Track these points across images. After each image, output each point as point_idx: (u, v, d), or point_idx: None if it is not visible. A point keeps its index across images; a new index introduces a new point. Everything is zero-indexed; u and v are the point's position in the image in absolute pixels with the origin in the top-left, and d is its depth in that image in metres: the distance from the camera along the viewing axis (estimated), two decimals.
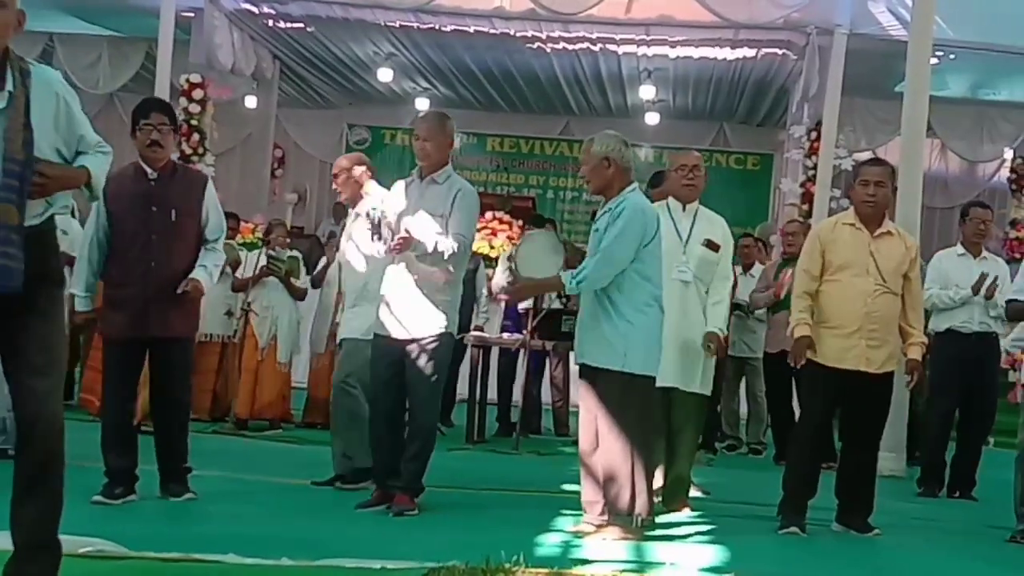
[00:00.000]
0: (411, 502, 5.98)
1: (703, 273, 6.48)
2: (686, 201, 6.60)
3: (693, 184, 6.62)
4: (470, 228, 6.16)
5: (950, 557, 5.84)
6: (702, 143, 17.51)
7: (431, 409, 6.22)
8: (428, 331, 6.01)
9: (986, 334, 8.18)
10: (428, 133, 6.10)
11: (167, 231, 5.84)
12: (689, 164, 6.66)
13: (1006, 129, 15.17)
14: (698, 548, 5.45)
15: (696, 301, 6.46)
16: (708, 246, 6.50)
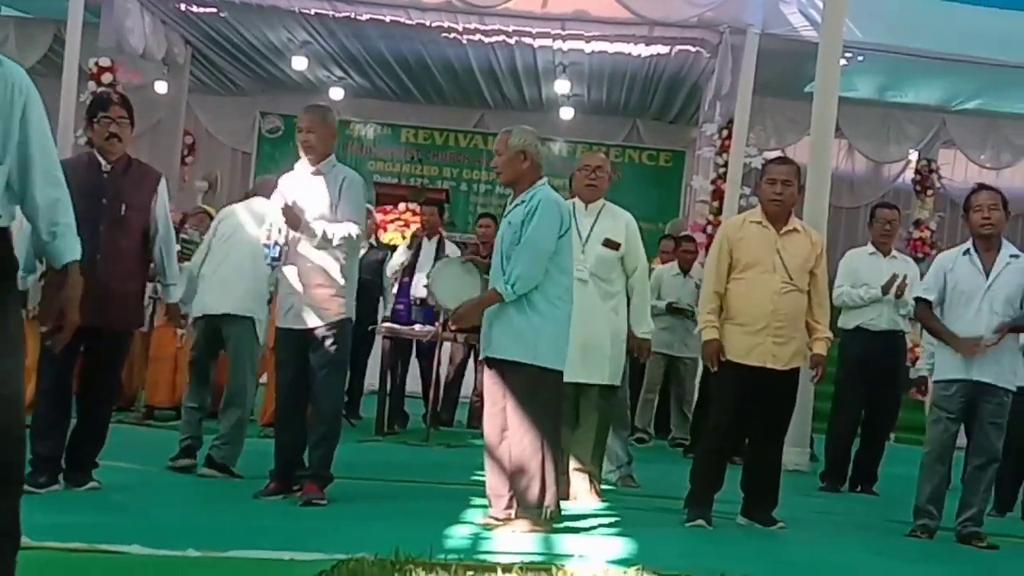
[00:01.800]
0: (320, 491, 5.97)
1: (602, 271, 6.64)
2: (588, 201, 6.79)
3: (595, 184, 6.80)
4: (360, 215, 6.24)
5: (851, 550, 5.96)
6: (615, 139, 17.62)
7: (335, 395, 6.27)
8: (327, 319, 6.05)
9: (894, 332, 8.35)
10: (312, 124, 6.13)
11: (115, 224, 5.85)
12: (592, 164, 6.85)
13: (911, 131, 15.47)
14: (606, 540, 5.49)
15: (596, 298, 6.61)
16: (607, 245, 6.61)
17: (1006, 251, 6.48)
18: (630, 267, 6.78)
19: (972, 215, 6.53)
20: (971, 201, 6.58)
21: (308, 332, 6.05)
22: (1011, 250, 6.51)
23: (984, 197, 6.52)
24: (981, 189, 6.67)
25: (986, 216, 6.45)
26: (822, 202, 9.21)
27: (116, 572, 4.16)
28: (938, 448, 6.48)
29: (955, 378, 6.40)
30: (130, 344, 6.33)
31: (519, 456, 5.53)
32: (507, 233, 5.74)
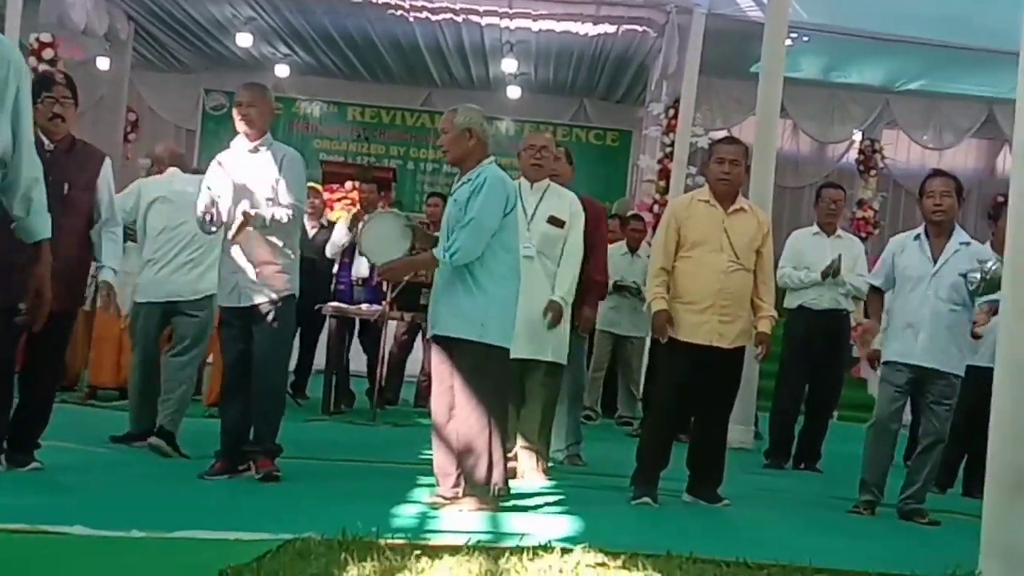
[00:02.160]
0: (274, 464, 6.02)
1: (547, 248, 6.67)
2: (533, 180, 6.81)
3: (540, 164, 6.84)
4: (301, 192, 6.27)
5: (795, 527, 6.02)
6: (562, 118, 17.63)
7: (280, 370, 6.31)
8: (271, 295, 6.06)
9: (836, 311, 8.44)
10: (252, 99, 6.14)
11: (58, 205, 5.69)
12: (537, 144, 6.90)
13: (855, 111, 15.60)
14: (552, 519, 5.51)
15: (541, 275, 6.64)
16: (552, 223, 6.64)
17: (957, 238, 6.53)
18: (567, 244, 6.79)
19: (925, 200, 6.58)
20: (925, 187, 6.63)
21: (253, 308, 6.05)
22: (962, 237, 6.56)
23: (937, 183, 6.58)
24: (935, 175, 6.72)
25: (938, 203, 6.51)
26: (767, 182, 9.27)
27: (59, 553, 4.12)
28: (883, 421, 6.56)
29: (900, 361, 6.50)
30: (74, 324, 6.25)
31: (466, 435, 5.54)
32: (453, 211, 5.73)
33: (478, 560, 4.26)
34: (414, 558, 4.16)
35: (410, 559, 4.15)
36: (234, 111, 6.18)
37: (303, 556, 4.11)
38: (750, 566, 4.52)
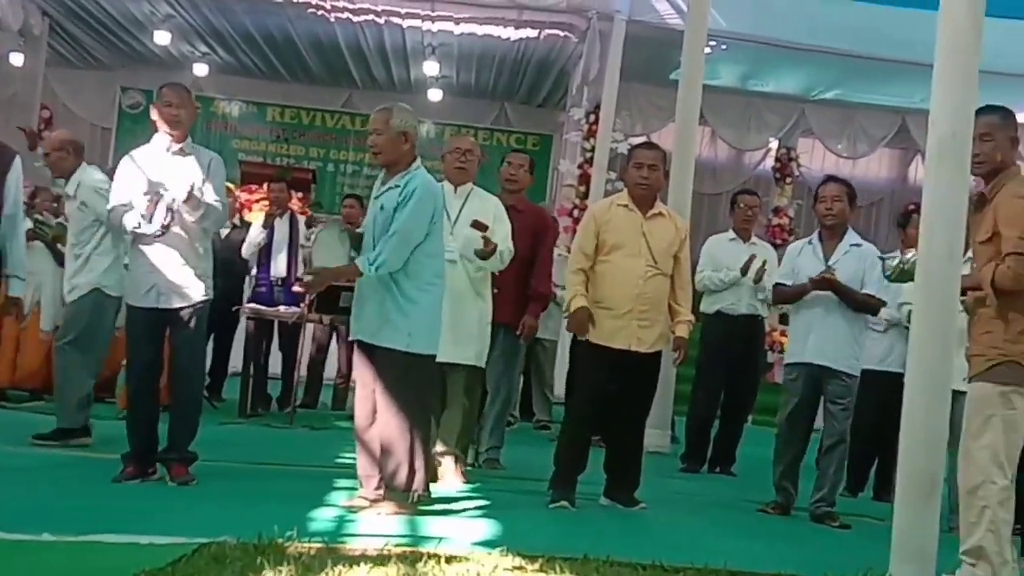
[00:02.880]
0: (189, 472, 5.97)
1: (470, 253, 6.66)
2: (457, 183, 6.82)
3: (464, 167, 6.87)
4: (224, 197, 6.25)
5: (710, 530, 6.09)
6: (484, 121, 17.63)
7: (199, 375, 6.35)
8: (192, 299, 6.01)
9: (753, 316, 8.56)
10: (181, 100, 6.08)
11: None
12: (463, 147, 6.93)
13: (772, 120, 15.80)
14: (471, 523, 5.51)
15: (464, 279, 6.66)
16: (475, 227, 6.63)
17: (848, 240, 6.80)
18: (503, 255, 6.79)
19: (818, 205, 6.88)
20: (818, 192, 6.93)
21: (171, 312, 5.97)
22: (854, 239, 6.83)
23: (830, 189, 6.86)
24: (828, 181, 7.03)
25: (829, 207, 6.79)
26: (686, 188, 9.36)
27: None
28: (787, 427, 6.77)
29: (797, 362, 6.69)
30: None
31: (388, 439, 5.52)
32: (379, 217, 5.67)
33: (395, 564, 4.25)
34: (330, 562, 4.14)
35: (326, 563, 4.12)
36: (159, 110, 6.05)
37: (218, 560, 4.07)
38: (666, 569, 4.56)
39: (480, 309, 6.77)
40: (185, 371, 6.08)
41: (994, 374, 4.88)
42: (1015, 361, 4.89)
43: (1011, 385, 4.89)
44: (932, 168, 4.95)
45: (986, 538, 4.83)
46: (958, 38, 4.88)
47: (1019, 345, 4.90)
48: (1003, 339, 4.89)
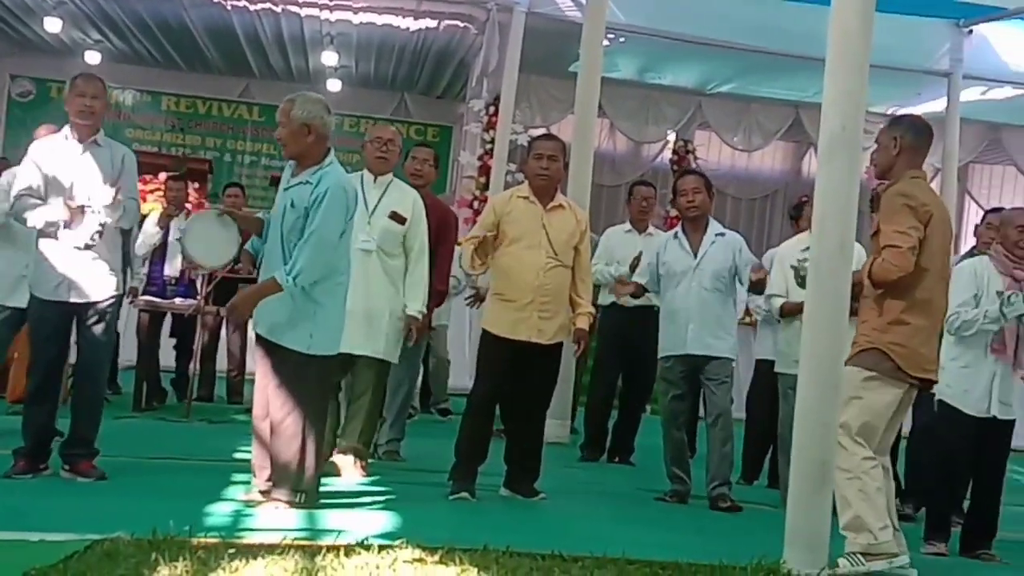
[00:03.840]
0: (96, 467, 5.91)
1: (387, 244, 6.62)
2: (378, 173, 6.77)
3: (385, 157, 6.83)
4: (138, 192, 6.18)
5: (609, 519, 6.15)
6: (383, 112, 17.51)
7: (104, 371, 6.24)
8: (105, 293, 5.93)
9: (647, 308, 8.61)
10: (97, 91, 5.97)
11: None
12: (384, 137, 6.89)
13: (670, 112, 15.93)
14: (371, 515, 5.50)
15: (379, 270, 6.60)
16: (393, 218, 6.61)
17: (712, 230, 6.97)
18: (409, 244, 6.76)
19: (679, 199, 7.02)
20: (678, 186, 7.08)
21: (81, 307, 5.87)
22: (717, 229, 7.01)
23: (689, 182, 7.05)
24: (686, 174, 7.26)
25: (690, 200, 6.94)
26: (585, 180, 9.41)
27: None
28: (669, 416, 6.94)
29: (672, 354, 6.85)
30: None
31: (282, 433, 5.47)
32: (288, 215, 5.54)
33: (294, 558, 4.23)
34: (228, 557, 4.11)
35: (224, 558, 4.09)
36: (72, 101, 5.90)
37: (111, 557, 4.01)
38: (565, 559, 4.60)
39: (393, 303, 6.70)
40: (93, 366, 5.99)
41: (862, 359, 5.12)
42: (881, 349, 5.08)
43: (875, 372, 5.07)
44: (824, 161, 5.07)
45: (860, 507, 5.02)
46: (848, 34, 4.98)
47: (887, 335, 5.10)
48: (873, 328, 5.12)
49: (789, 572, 4.73)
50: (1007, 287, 6.03)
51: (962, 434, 6.05)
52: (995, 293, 6.02)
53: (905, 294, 5.13)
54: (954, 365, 5.97)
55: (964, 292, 6.00)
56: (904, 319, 5.13)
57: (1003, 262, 6.10)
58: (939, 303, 5.34)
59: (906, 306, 5.13)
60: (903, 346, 5.12)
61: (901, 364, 5.12)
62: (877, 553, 4.98)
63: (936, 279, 5.23)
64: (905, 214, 5.10)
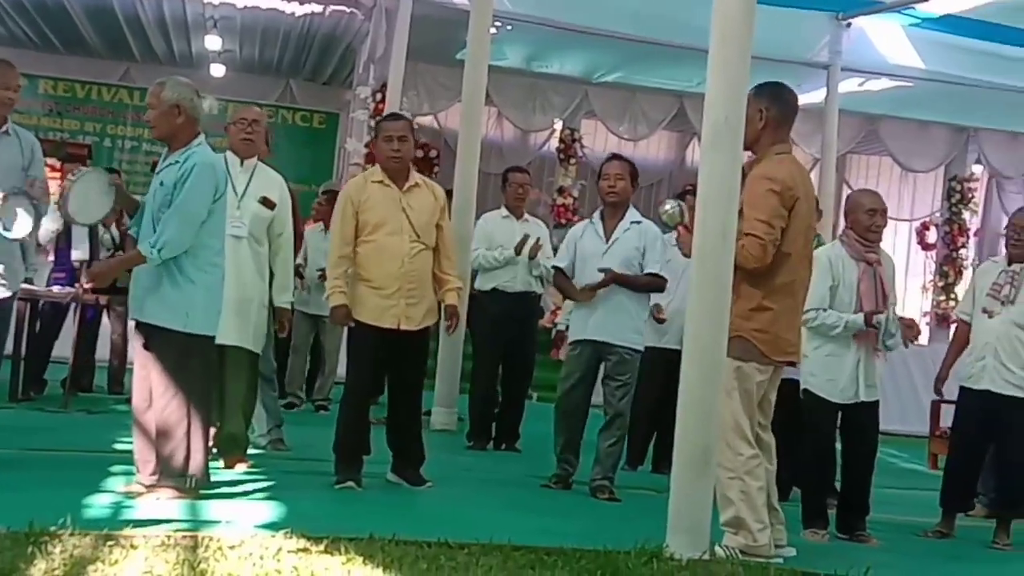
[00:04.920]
0: None
1: (257, 230, 6.52)
2: (244, 156, 6.65)
3: (251, 139, 6.69)
4: (46, 180, 6.07)
5: (495, 506, 6.17)
6: (268, 98, 17.29)
7: None
8: (11, 289, 5.89)
9: (528, 293, 8.68)
10: (7, 79, 5.84)
11: None
12: (248, 118, 6.74)
13: (556, 101, 15.98)
14: (254, 505, 5.45)
15: (249, 257, 6.50)
16: (263, 203, 6.53)
17: (629, 218, 6.92)
18: (276, 231, 6.67)
19: (601, 182, 6.98)
20: (602, 169, 7.03)
21: None
22: (634, 216, 6.96)
23: (614, 167, 6.97)
24: (612, 159, 7.12)
25: (612, 185, 6.89)
26: (472, 168, 9.42)
27: None
28: (566, 402, 6.88)
29: (580, 339, 6.81)
30: None
31: (165, 421, 5.39)
32: (158, 193, 5.50)
33: (176, 550, 4.18)
34: (107, 549, 4.04)
35: (103, 550, 4.02)
36: None
37: None
38: (451, 546, 4.61)
39: (262, 291, 6.63)
40: None
41: (730, 349, 5.14)
42: (744, 337, 5.16)
43: (742, 359, 5.16)
44: (707, 151, 5.14)
45: (741, 508, 5.10)
46: (731, 25, 5.06)
47: (752, 323, 5.18)
48: (737, 315, 5.16)
49: (671, 556, 4.80)
50: (861, 272, 6.16)
51: (829, 420, 6.19)
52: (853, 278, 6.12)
53: (767, 280, 5.19)
54: (818, 354, 6.10)
55: (821, 284, 6.03)
56: (766, 305, 5.20)
57: (855, 247, 6.23)
58: (803, 281, 5.39)
59: (768, 292, 5.20)
60: (766, 332, 5.20)
61: (765, 350, 5.21)
62: (753, 554, 5.07)
63: (799, 260, 5.29)
64: (770, 200, 5.15)
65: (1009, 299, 6.54)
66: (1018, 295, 6.53)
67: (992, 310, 6.58)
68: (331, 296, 6.28)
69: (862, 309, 6.12)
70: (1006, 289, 6.57)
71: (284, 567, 4.08)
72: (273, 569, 4.05)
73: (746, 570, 4.68)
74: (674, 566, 4.65)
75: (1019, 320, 6.51)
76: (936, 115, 15.85)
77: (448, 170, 11.50)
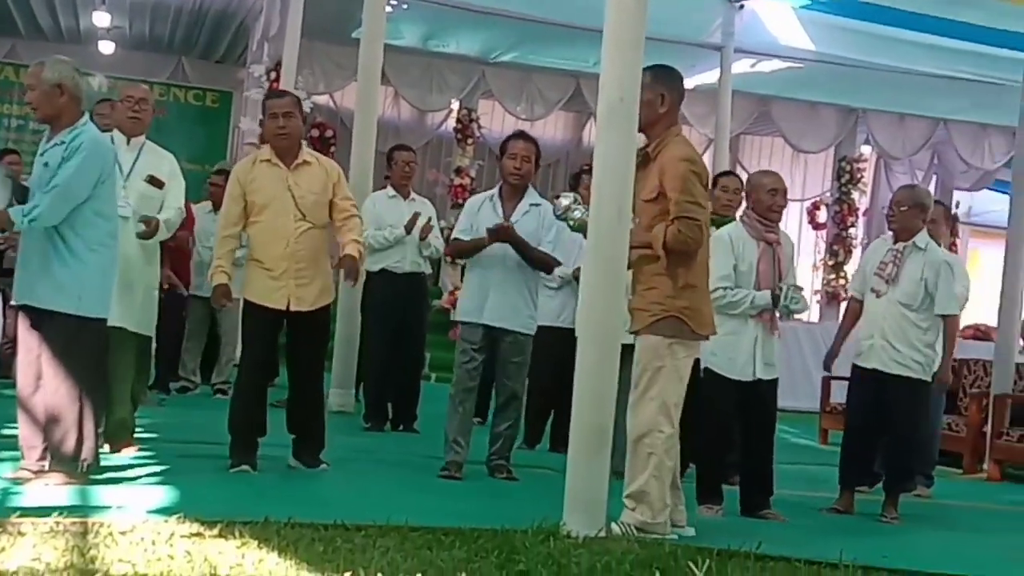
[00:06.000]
0: None
1: (144, 209, 6.40)
2: (131, 134, 6.52)
3: (138, 117, 6.56)
4: None
5: (392, 487, 6.16)
6: (160, 76, 16.99)
7: None
8: None
9: (417, 274, 8.64)
10: None
11: None
12: (136, 96, 6.61)
13: (453, 81, 15.94)
14: (146, 490, 5.38)
15: (134, 237, 6.34)
16: (151, 182, 6.42)
17: (528, 199, 6.81)
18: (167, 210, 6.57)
19: (506, 161, 6.80)
20: (507, 147, 6.83)
21: None
22: (534, 198, 6.85)
23: (521, 146, 6.79)
24: (519, 138, 6.94)
25: (517, 166, 6.75)
26: (368, 147, 9.37)
27: None
28: (464, 382, 6.74)
29: (474, 322, 6.69)
30: None
31: (55, 406, 5.29)
32: (43, 176, 5.39)
33: (65, 536, 4.10)
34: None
35: None
36: None
37: None
38: (348, 528, 4.59)
39: (148, 273, 6.52)
40: None
41: (660, 327, 5.22)
42: (677, 316, 5.23)
43: (675, 338, 5.22)
44: (602, 131, 5.17)
45: (650, 483, 5.15)
46: (625, 6, 5.08)
47: (681, 300, 5.25)
48: (667, 295, 5.23)
49: (568, 535, 4.83)
50: (760, 252, 6.26)
51: (728, 399, 6.27)
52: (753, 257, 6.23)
53: (691, 259, 5.30)
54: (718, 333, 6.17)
55: (724, 265, 6.13)
56: (692, 283, 5.30)
57: (755, 227, 6.33)
58: (707, 259, 5.52)
59: (692, 270, 5.31)
60: (694, 309, 5.30)
61: (694, 327, 5.30)
62: (650, 531, 5.13)
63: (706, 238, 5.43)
64: (694, 183, 5.27)
65: (893, 278, 6.68)
66: (901, 274, 6.67)
67: (879, 289, 6.72)
68: (213, 275, 6.23)
69: (760, 288, 6.22)
70: (889, 268, 6.70)
71: (177, 552, 4.02)
72: (166, 554, 3.99)
73: (642, 546, 4.72)
74: (570, 544, 4.68)
75: (903, 299, 6.64)
76: (826, 96, 16.15)
77: (345, 150, 11.39)
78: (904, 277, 6.66)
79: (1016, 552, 5.71)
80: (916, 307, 6.63)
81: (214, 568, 3.80)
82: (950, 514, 7.35)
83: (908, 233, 6.76)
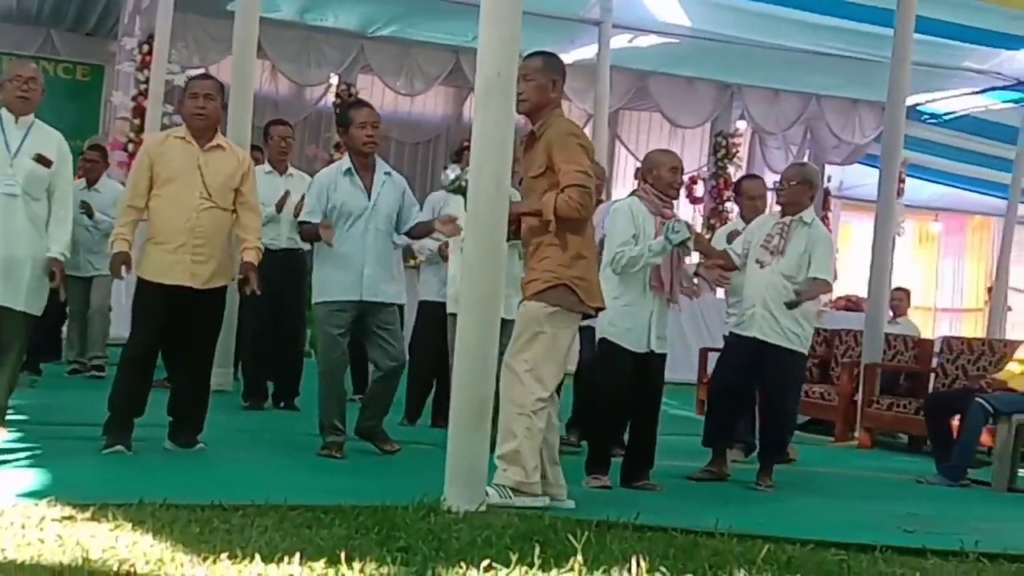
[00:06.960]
0: None
1: (32, 188, 6.25)
2: (19, 114, 6.35)
3: (27, 97, 6.39)
4: None
5: (271, 466, 6.10)
6: (28, 49, 16.48)
7: None
8: None
9: (294, 251, 8.53)
10: None
11: None
12: (25, 76, 6.49)
13: (332, 55, 15.77)
14: (16, 473, 5.24)
15: (23, 216, 6.22)
16: (39, 161, 6.26)
17: (380, 169, 6.77)
18: (53, 186, 6.38)
19: (355, 131, 6.64)
20: (354, 116, 6.68)
21: None
22: (384, 168, 6.82)
23: (371, 115, 6.68)
24: (364, 105, 6.87)
25: (370, 134, 6.63)
26: (245, 122, 9.20)
27: None
28: (332, 365, 6.65)
29: (343, 299, 6.57)
30: None
31: None
32: None
33: None
34: None
35: None
36: None
37: None
38: (225, 508, 4.52)
39: (37, 250, 6.30)
40: None
41: (547, 296, 5.32)
42: (566, 284, 5.32)
43: (558, 307, 5.31)
44: (481, 106, 5.15)
45: (523, 444, 5.23)
46: None
47: (571, 270, 5.36)
48: (558, 264, 5.35)
49: (449, 510, 4.83)
50: (657, 225, 6.35)
51: (624, 370, 6.33)
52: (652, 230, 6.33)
53: (581, 229, 5.42)
54: (616, 304, 6.21)
55: (624, 232, 6.29)
56: (583, 254, 5.42)
57: (653, 202, 6.42)
58: (593, 233, 5.66)
59: (582, 241, 5.43)
60: (584, 279, 5.40)
61: (583, 296, 5.39)
62: (526, 492, 5.18)
63: None
64: (581, 153, 5.39)
65: (779, 250, 6.82)
66: (787, 247, 6.81)
67: (764, 261, 6.85)
68: (114, 243, 6.14)
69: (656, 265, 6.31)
70: (776, 240, 6.85)
71: (48, 536, 3.92)
72: (36, 539, 3.89)
73: (521, 520, 4.74)
74: (451, 519, 4.68)
75: (787, 271, 6.78)
76: (703, 72, 16.37)
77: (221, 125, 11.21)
78: (790, 250, 6.80)
79: (885, 517, 5.87)
80: (799, 279, 6.77)
81: (86, 552, 3.71)
82: (822, 481, 7.53)
83: (795, 208, 6.93)
